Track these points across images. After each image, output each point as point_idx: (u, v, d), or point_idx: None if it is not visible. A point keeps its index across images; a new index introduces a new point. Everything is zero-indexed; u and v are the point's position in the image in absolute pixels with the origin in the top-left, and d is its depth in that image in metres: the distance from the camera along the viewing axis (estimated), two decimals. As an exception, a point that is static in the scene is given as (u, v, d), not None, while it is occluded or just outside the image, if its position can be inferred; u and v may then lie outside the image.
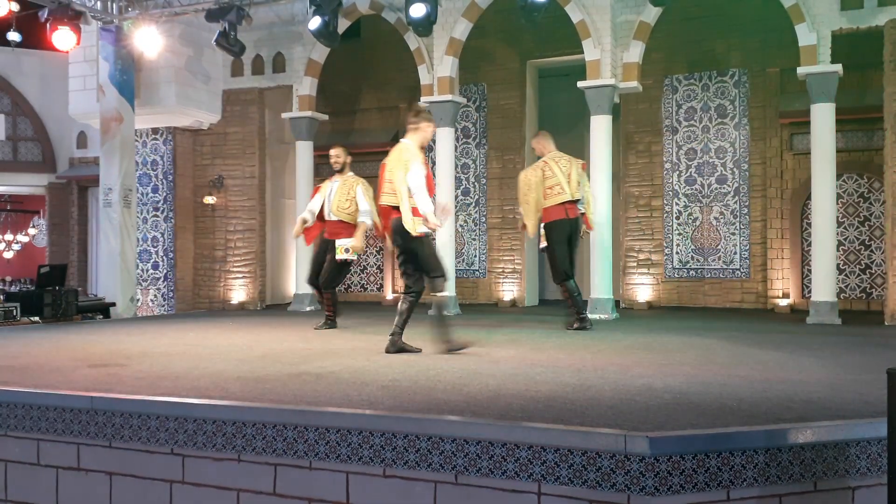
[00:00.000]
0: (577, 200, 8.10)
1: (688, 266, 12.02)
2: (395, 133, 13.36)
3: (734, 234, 11.77)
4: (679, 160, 12.09)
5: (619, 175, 12.06)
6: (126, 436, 4.17)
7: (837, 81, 9.53)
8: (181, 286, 13.67)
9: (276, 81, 12.95)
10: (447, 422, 3.56)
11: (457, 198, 12.46)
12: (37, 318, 10.27)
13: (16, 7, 11.01)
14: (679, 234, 12.06)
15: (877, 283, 11.06)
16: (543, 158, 8.24)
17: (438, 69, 11.18)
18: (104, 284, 12.50)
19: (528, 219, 8.20)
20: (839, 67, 9.48)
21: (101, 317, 11.42)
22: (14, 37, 11.49)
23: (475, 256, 13.17)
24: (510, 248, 12.89)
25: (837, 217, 10.50)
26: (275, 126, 13.71)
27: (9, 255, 20.87)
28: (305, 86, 12.44)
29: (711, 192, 11.90)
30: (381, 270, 13.94)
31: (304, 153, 12.46)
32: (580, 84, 10.40)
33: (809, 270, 10.75)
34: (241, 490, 3.92)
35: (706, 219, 11.92)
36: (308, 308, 11.80)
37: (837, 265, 10.58)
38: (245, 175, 13.43)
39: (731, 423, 3.50)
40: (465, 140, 13.29)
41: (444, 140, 11.15)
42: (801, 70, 9.65)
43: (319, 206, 8.41)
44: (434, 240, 6.70)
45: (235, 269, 13.50)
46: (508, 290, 12.83)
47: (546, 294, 13.29)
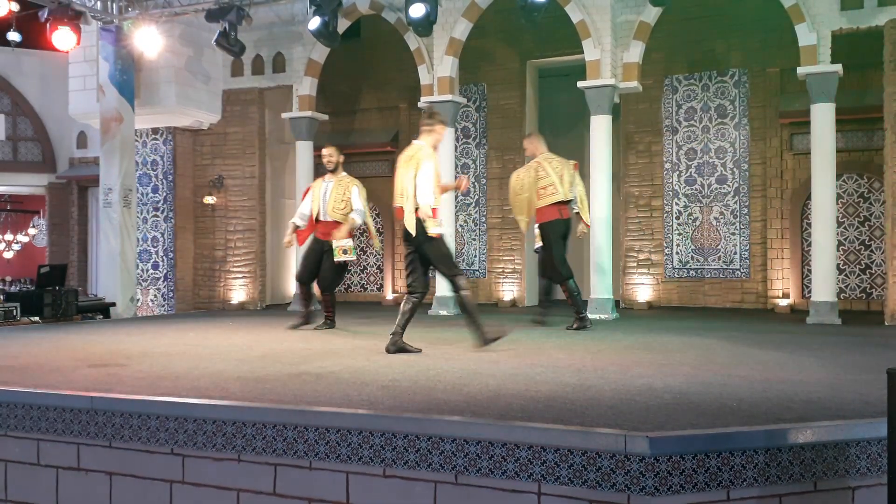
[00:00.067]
0: (570, 201, 8.12)
1: (688, 266, 12.02)
2: (395, 133, 13.37)
3: (734, 234, 11.77)
4: (679, 160, 12.09)
5: (619, 175, 12.06)
6: (126, 436, 4.17)
7: (837, 81, 9.53)
8: (181, 286, 13.66)
9: (276, 81, 12.95)
10: (447, 422, 3.56)
11: (457, 198, 12.46)
12: (37, 318, 10.27)
13: (16, 7, 11.00)
14: (679, 234, 12.06)
15: (877, 284, 11.06)
16: (536, 159, 8.25)
17: (438, 69, 11.18)
18: (104, 284, 12.50)
19: (520, 216, 8.29)
20: (839, 67, 9.48)
21: (101, 317, 11.42)
22: (14, 37, 11.49)
23: (475, 256, 13.16)
24: (510, 249, 12.89)
25: (837, 217, 10.50)
26: (275, 126, 13.71)
27: (9, 255, 20.87)
28: (305, 86, 12.44)
29: (711, 192, 11.89)
30: (381, 270, 13.93)
31: (304, 153, 12.45)
32: (580, 84, 10.40)
33: (809, 270, 10.74)
34: (241, 490, 3.92)
35: (706, 219, 11.91)
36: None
37: (837, 265, 10.58)
38: (245, 175, 13.43)
39: (731, 423, 3.50)
40: (465, 140, 13.29)
41: (444, 140, 11.06)
42: (801, 70, 9.65)
43: (310, 210, 8.31)
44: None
45: (235, 269, 13.50)
46: (508, 290, 12.83)
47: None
